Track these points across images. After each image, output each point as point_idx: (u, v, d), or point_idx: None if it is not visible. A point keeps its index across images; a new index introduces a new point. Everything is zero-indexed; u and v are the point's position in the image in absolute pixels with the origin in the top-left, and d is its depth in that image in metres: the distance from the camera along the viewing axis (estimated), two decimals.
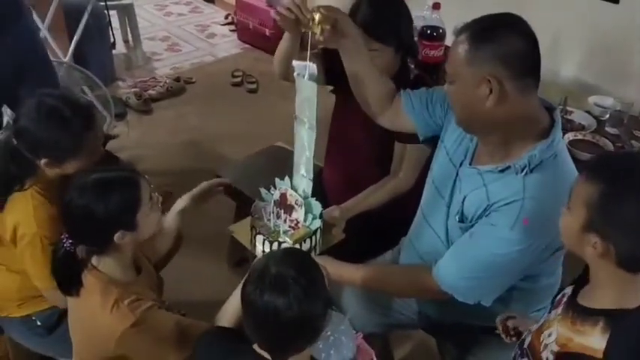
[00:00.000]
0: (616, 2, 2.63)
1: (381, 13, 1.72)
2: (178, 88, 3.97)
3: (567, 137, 2.16)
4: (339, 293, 1.75)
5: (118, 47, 4.23)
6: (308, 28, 1.43)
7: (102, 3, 3.68)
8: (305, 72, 1.43)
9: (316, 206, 1.61)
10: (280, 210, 1.63)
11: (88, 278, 1.37)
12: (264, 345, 1.19)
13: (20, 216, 1.55)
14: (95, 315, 1.34)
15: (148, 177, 1.43)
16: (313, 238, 1.61)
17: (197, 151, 3.41)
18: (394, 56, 1.78)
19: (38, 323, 1.71)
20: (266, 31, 4.40)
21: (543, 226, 1.29)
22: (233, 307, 1.40)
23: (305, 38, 1.48)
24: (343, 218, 1.77)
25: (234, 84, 4.08)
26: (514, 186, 1.30)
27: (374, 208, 1.85)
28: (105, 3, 3.71)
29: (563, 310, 1.15)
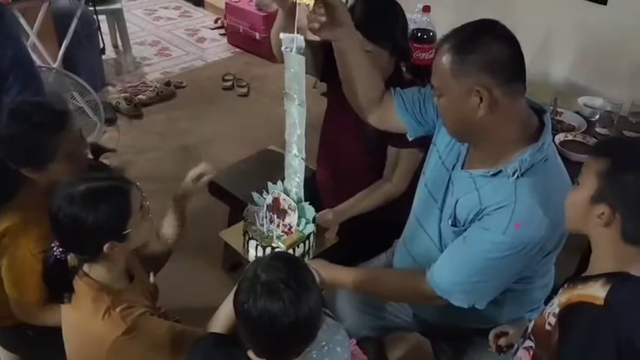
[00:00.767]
0: (604, 3, 2.65)
1: (377, 15, 1.72)
2: (169, 93, 3.96)
3: (558, 138, 2.17)
4: (333, 297, 1.75)
5: (108, 52, 4.22)
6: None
7: (91, 8, 3.67)
8: (293, 45, 1.39)
9: (309, 210, 1.60)
10: (273, 214, 1.62)
11: (80, 285, 1.36)
12: (262, 352, 1.18)
13: (8, 227, 1.53)
14: (87, 323, 1.33)
15: (139, 182, 1.41)
16: (307, 243, 1.60)
17: (188, 156, 3.39)
18: (389, 59, 1.77)
19: (30, 333, 1.69)
20: (256, 35, 4.40)
21: (536, 230, 1.29)
22: (224, 315, 1.39)
23: (294, 13, 1.44)
24: (336, 222, 1.77)
25: (224, 88, 4.08)
26: (506, 190, 1.31)
27: (367, 212, 1.85)
28: (94, 8, 3.70)
29: (565, 286, 1.18)
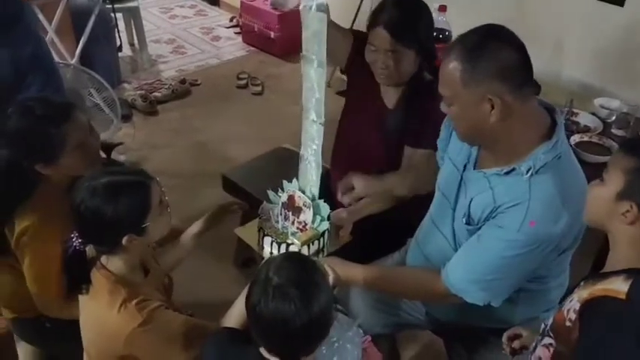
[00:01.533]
0: (621, 5, 2.63)
1: (406, 16, 1.71)
2: (184, 91, 3.98)
3: (573, 139, 2.16)
4: (347, 294, 1.76)
5: (124, 50, 4.25)
6: None
7: (108, 6, 3.70)
8: (313, 3, 1.34)
9: (324, 208, 1.61)
10: (288, 212, 1.63)
11: (97, 277, 1.38)
12: (274, 351, 1.19)
13: (28, 225, 1.55)
14: (103, 314, 1.35)
15: None
16: (321, 240, 1.61)
17: (202, 153, 3.41)
18: (414, 59, 1.76)
19: (47, 325, 1.72)
20: (271, 34, 4.42)
21: (551, 227, 1.29)
22: (238, 312, 1.41)
23: None
24: (351, 220, 1.77)
25: (239, 86, 4.10)
26: (520, 188, 1.31)
27: (381, 211, 1.85)
28: (112, 6, 3.73)
29: (582, 283, 1.17)
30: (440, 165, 1.65)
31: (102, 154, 1.87)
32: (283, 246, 1.57)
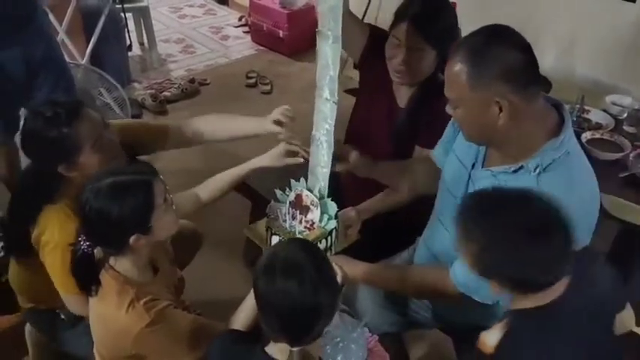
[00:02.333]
0: (633, 1, 2.60)
1: (436, 15, 1.69)
2: (193, 90, 3.99)
3: (585, 136, 2.15)
4: (354, 292, 1.75)
5: (134, 49, 4.27)
6: None
7: (118, 6, 3.72)
8: None
9: (332, 207, 1.61)
10: (296, 211, 1.63)
11: (105, 278, 1.39)
12: (281, 334, 1.19)
13: (47, 224, 1.57)
14: (112, 314, 1.36)
15: (163, 176, 1.43)
16: (329, 239, 1.61)
17: (211, 152, 3.41)
18: (434, 60, 1.74)
19: (62, 317, 1.74)
20: (280, 33, 4.42)
21: None
22: (247, 310, 1.41)
23: None
24: (359, 219, 1.77)
25: (248, 85, 4.10)
26: (528, 185, 1.30)
27: (389, 210, 1.85)
28: (121, 6, 3.75)
29: None
30: (439, 165, 1.64)
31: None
32: None
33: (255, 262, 2.76)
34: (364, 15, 3.49)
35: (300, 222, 1.62)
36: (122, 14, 3.79)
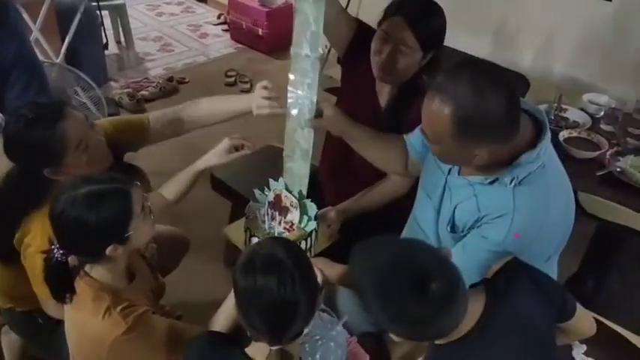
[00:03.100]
0: (609, 0, 2.63)
1: (428, 14, 1.68)
2: (171, 89, 3.95)
3: (562, 135, 2.16)
4: (334, 293, 1.75)
5: (111, 48, 4.21)
6: None
7: (94, 3, 3.67)
8: None
9: (311, 208, 1.60)
10: (275, 212, 1.62)
11: (80, 285, 1.35)
12: (261, 332, 1.18)
13: (30, 227, 1.54)
14: (88, 322, 1.33)
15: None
16: (308, 240, 1.60)
17: (190, 152, 3.34)
18: (418, 61, 1.72)
19: (40, 321, 1.71)
20: (259, 31, 4.39)
21: (535, 237, 1.30)
22: (227, 312, 1.40)
23: None
24: (338, 219, 1.76)
25: (227, 84, 4.07)
26: (504, 198, 1.30)
27: (370, 210, 1.85)
28: (97, 3, 3.70)
29: None
30: (411, 153, 1.63)
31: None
32: None
33: (234, 263, 2.74)
34: (346, 7, 3.48)
35: (279, 223, 1.61)
36: (98, 12, 3.74)
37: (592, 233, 2.27)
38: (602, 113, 2.36)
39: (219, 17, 5.00)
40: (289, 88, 1.50)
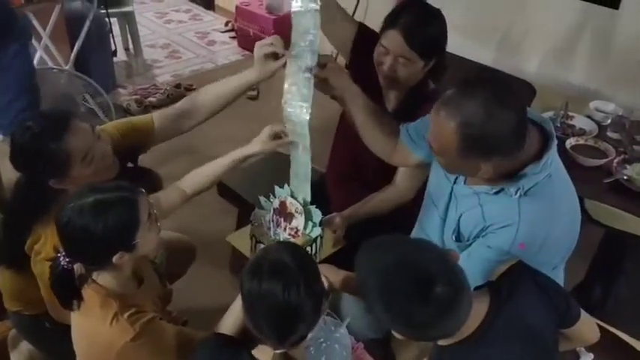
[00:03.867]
0: (616, 8, 2.63)
1: (424, 24, 1.69)
2: (179, 95, 3.96)
3: (569, 142, 2.16)
4: (338, 299, 1.74)
5: (119, 55, 4.23)
6: None
7: (103, 11, 3.70)
8: None
9: (316, 214, 1.60)
10: (280, 218, 1.62)
11: (88, 292, 1.36)
12: (266, 335, 1.19)
13: (41, 234, 1.54)
14: (95, 328, 1.33)
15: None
16: (313, 246, 1.60)
17: (197, 158, 3.37)
18: (420, 70, 1.73)
19: (47, 325, 1.71)
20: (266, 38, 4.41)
21: (540, 248, 1.29)
22: (234, 315, 1.40)
23: None
24: (344, 225, 1.76)
25: None
26: (509, 209, 1.30)
27: (375, 215, 1.85)
28: (106, 11, 3.73)
29: None
30: (404, 140, 1.63)
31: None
32: None
33: (240, 270, 2.75)
34: (354, 12, 3.49)
35: (284, 229, 1.61)
36: (107, 19, 3.77)
37: (599, 240, 2.26)
38: (608, 121, 2.36)
39: (226, 25, 5.02)
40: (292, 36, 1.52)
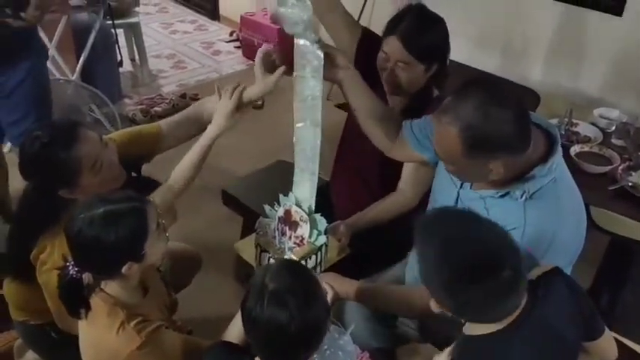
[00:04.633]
0: (619, 15, 2.64)
1: (423, 30, 1.70)
2: (184, 105, 3.96)
3: (573, 149, 2.15)
4: (342, 307, 1.74)
5: (125, 65, 4.27)
6: None
7: (109, 22, 3.73)
8: None
9: (321, 222, 1.60)
10: (285, 226, 1.62)
11: (95, 300, 1.36)
12: (269, 359, 1.19)
13: (46, 244, 1.55)
14: (102, 337, 1.34)
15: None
16: (318, 255, 1.60)
17: (203, 167, 3.41)
18: (422, 75, 1.74)
19: (52, 334, 1.71)
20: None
21: (546, 252, 1.29)
22: (239, 325, 1.40)
23: None
24: (348, 233, 1.76)
25: None
26: (515, 212, 1.31)
27: (379, 224, 1.84)
28: (112, 22, 3.75)
29: None
30: (406, 135, 1.63)
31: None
32: None
33: (246, 278, 2.75)
34: (359, 17, 3.51)
35: (289, 238, 1.62)
36: (113, 30, 3.80)
37: (605, 247, 2.25)
38: (613, 128, 2.35)
39: (231, 35, 5.05)
40: None
